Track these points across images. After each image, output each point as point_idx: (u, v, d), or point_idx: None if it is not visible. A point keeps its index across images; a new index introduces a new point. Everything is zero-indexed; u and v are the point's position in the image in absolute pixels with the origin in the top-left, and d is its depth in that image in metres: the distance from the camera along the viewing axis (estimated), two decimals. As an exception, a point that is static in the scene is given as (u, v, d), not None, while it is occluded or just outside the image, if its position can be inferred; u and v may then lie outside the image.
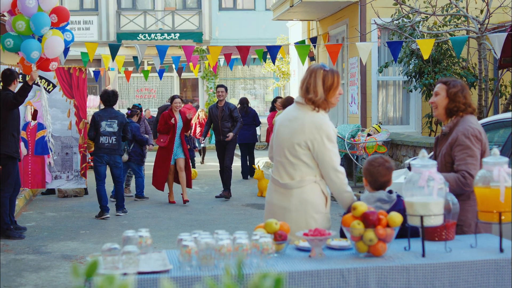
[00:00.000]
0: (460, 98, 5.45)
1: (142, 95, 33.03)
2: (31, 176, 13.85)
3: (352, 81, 16.93)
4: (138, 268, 4.12)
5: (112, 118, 12.56)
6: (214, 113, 15.19)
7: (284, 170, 5.39)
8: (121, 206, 12.75)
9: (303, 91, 5.37)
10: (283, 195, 5.39)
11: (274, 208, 5.43)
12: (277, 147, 5.49)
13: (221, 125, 15.09)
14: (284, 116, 5.54)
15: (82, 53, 14.94)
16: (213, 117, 15.23)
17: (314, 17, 19.77)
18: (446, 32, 13.25)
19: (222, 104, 15.15)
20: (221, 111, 15.10)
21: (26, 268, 8.75)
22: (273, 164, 5.60)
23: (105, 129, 12.48)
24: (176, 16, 32.16)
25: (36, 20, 9.38)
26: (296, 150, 5.30)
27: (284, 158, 5.38)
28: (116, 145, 12.59)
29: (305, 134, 5.26)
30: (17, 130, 10.70)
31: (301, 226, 5.16)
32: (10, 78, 10.72)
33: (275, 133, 5.56)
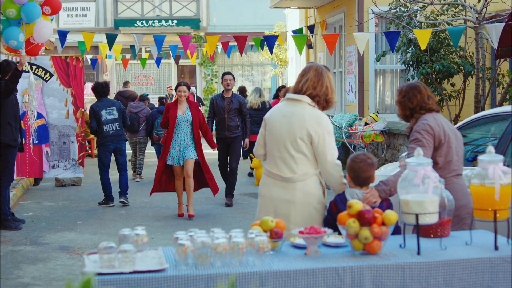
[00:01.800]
0: (406, 103, 5.78)
1: (139, 82, 32.96)
2: (28, 165, 13.85)
3: (350, 70, 16.91)
4: (135, 266, 4.13)
5: (110, 106, 12.92)
6: (219, 104, 12.82)
7: (285, 165, 5.54)
8: (124, 192, 12.87)
9: (306, 88, 5.57)
10: (285, 189, 5.54)
11: (275, 202, 5.58)
12: (274, 142, 5.61)
13: (228, 119, 12.83)
14: (276, 112, 5.72)
15: (79, 41, 14.90)
16: (218, 110, 12.84)
17: (312, 4, 19.74)
18: (444, 22, 13.22)
19: (229, 94, 12.92)
20: (228, 102, 12.84)
21: (23, 260, 8.77)
22: (268, 159, 5.72)
23: (106, 118, 12.79)
24: (173, 3, 32.06)
25: (27, 10, 9.34)
26: (299, 144, 5.47)
27: (285, 153, 5.53)
28: (120, 130, 12.97)
29: (306, 128, 5.45)
30: (14, 119, 10.66)
31: (305, 217, 5.46)
32: (7, 69, 10.68)
33: (269, 130, 5.70)
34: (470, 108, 13.89)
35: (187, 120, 11.53)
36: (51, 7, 9.66)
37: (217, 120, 12.90)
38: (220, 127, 12.89)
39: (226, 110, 12.79)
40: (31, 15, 9.38)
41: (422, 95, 5.77)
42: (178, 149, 11.49)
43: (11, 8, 9.33)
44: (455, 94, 14.81)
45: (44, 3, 9.55)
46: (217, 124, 12.92)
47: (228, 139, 12.89)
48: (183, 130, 11.53)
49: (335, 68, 18.78)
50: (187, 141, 11.53)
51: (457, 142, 5.73)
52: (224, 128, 12.85)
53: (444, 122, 5.73)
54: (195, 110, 11.62)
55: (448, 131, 5.68)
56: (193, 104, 11.76)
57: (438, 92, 14.36)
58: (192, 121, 11.53)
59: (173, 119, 11.48)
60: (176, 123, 11.50)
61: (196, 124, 11.55)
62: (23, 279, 7.91)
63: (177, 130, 11.52)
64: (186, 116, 11.54)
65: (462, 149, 5.79)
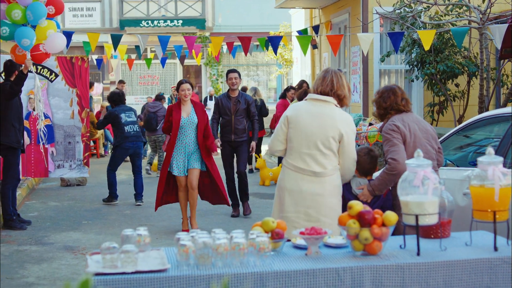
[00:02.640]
0: (381, 103, 6.33)
1: (145, 82, 33.03)
2: (34, 165, 13.90)
3: (354, 70, 16.94)
4: (137, 267, 4.17)
5: (128, 111, 13.33)
6: (224, 105, 11.72)
7: (314, 161, 6.02)
8: (140, 195, 13.04)
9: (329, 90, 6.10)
10: (315, 183, 6.00)
11: (305, 195, 6.01)
12: (303, 140, 6.04)
13: (235, 122, 11.73)
14: (302, 112, 6.13)
15: (84, 42, 14.96)
16: (223, 111, 11.74)
17: (317, 5, 19.76)
18: (448, 22, 13.25)
19: (236, 94, 11.79)
20: (235, 103, 11.73)
21: (28, 260, 8.83)
22: (293, 155, 6.11)
23: (126, 120, 13.09)
24: (179, 3, 32.10)
25: (34, 10, 9.37)
26: (330, 142, 5.99)
27: (315, 150, 6.01)
28: (139, 132, 13.29)
29: (339, 128, 5.98)
30: (18, 120, 10.71)
31: (333, 208, 6.00)
32: (11, 69, 10.76)
33: (295, 128, 6.10)
34: (475, 108, 13.90)
35: (192, 123, 10.30)
36: (55, 7, 9.70)
37: (223, 122, 11.82)
38: (226, 130, 11.79)
39: (233, 111, 11.68)
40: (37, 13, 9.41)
41: (396, 97, 6.26)
42: (182, 156, 10.29)
43: (16, 10, 9.37)
44: (459, 95, 14.84)
45: (48, 3, 9.59)
46: (223, 127, 11.87)
47: (234, 143, 11.80)
48: (188, 134, 10.30)
49: (340, 68, 18.80)
50: (192, 147, 10.32)
51: (427, 140, 6.19)
52: (230, 131, 11.75)
53: (413, 121, 6.19)
54: (201, 112, 10.45)
55: (415, 130, 6.14)
56: (198, 105, 10.58)
57: (443, 92, 14.39)
58: (198, 124, 10.32)
59: (177, 123, 10.24)
60: (180, 127, 10.26)
61: (202, 127, 10.33)
62: (27, 279, 7.95)
63: (181, 134, 10.29)
64: (191, 118, 10.31)
65: (434, 146, 6.24)
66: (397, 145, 5.98)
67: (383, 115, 6.34)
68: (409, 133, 6.07)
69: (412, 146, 6.01)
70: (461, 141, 7.78)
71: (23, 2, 9.31)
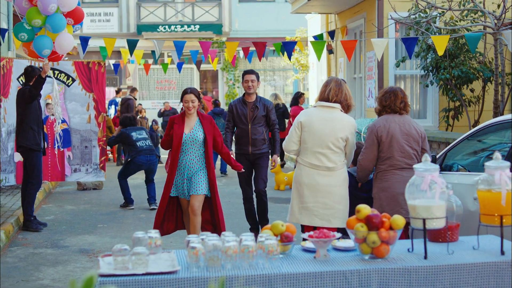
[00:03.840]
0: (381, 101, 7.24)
1: (162, 87, 33.18)
2: (50, 169, 14.03)
3: (370, 75, 16.96)
4: (147, 268, 4.24)
5: (139, 129, 13.60)
6: (240, 112, 10.20)
7: (326, 158, 7.17)
8: (153, 198, 13.18)
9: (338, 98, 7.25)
10: (328, 176, 7.17)
11: (321, 187, 7.16)
12: (317, 141, 7.18)
13: (252, 131, 10.17)
14: (314, 117, 7.26)
15: (101, 47, 15.08)
16: (239, 119, 10.22)
17: (332, 10, 19.80)
18: (463, 27, 13.25)
19: (253, 99, 10.24)
20: (252, 109, 10.19)
21: (44, 262, 8.92)
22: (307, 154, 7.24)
23: (138, 137, 13.32)
24: (196, 8, 32.25)
25: (54, 22, 9.44)
26: (340, 142, 7.16)
27: (327, 149, 7.16)
28: (152, 146, 13.48)
29: (346, 130, 7.16)
30: (36, 123, 10.88)
31: (343, 196, 7.21)
32: (32, 74, 10.96)
33: (308, 131, 7.23)
34: (490, 113, 13.89)
35: (196, 141, 8.68)
36: (74, 18, 9.77)
37: (238, 132, 10.26)
38: (242, 141, 10.21)
39: (250, 118, 10.16)
40: (56, 26, 9.49)
41: (396, 99, 7.16)
42: (183, 177, 8.73)
43: (37, 19, 9.45)
44: (474, 100, 14.83)
45: (67, 15, 9.66)
46: (238, 137, 10.27)
47: (252, 156, 10.20)
48: (190, 153, 8.71)
49: (355, 73, 18.84)
50: (195, 168, 8.71)
51: (407, 142, 7.03)
52: (247, 142, 10.16)
53: (397, 123, 7.07)
54: (209, 126, 8.77)
55: (394, 132, 7.03)
56: (206, 118, 8.85)
57: (458, 97, 14.39)
58: (205, 140, 8.67)
59: (178, 139, 8.66)
60: (182, 143, 8.69)
61: (211, 144, 8.70)
62: (43, 281, 8.05)
63: (183, 153, 8.72)
64: (195, 134, 8.68)
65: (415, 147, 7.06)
66: (367, 148, 7.15)
67: (380, 111, 7.26)
68: (386, 134, 7.03)
69: (387, 145, 7.02)
70: (472, 146, 7.80)
71: (44, 10, 9.36)
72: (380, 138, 7.04)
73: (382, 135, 7.02)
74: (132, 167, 13.19)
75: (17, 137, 10.91)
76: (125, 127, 13.64)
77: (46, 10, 9.27)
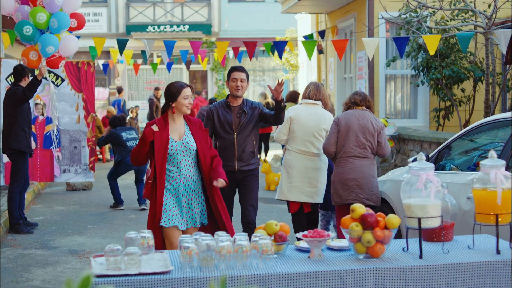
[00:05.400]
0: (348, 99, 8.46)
1: (151, 87, 33.07)
2: (39, 169, 13.94)
3: (360, 75, 16.94)
4: (140, 269, 4.19)
5: (129, 130, 13.58)
6: (223, 118, 8.14)
7: (312, 145, 8.53)
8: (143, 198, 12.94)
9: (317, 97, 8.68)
10: (313, 160, 8.55)
11: (308, 170, 8.51)
12: (305, 131, 8.50)
13: (238, 142, 8.13)
14: (301, 112, 8.60)
15: (91, 47, 15.00)
16: (221, 127, 8.14)
17: (323, 10, 19.79)
18: (454, 27, 13.25)
19: (239, 102, 8.19)
20: (239, 114, 8.14)
21: (33, 263, 8.85)
22: (297, 142, 8.53)
23: (128, 137, 13.31)
24: (185, 8, 32.18)
25: (59, 18, 9.33)
26: (322, 132, 8.54)
27: (313, 138, 8.52)
28: None
29: (327, 122, 8.52)
30: (27, 125, 10.80)
31: (324, 177, 8.57)
32: (22, 73, 10.83)
33: (297, 123, 8.53)
34: (480, 113, 13.89)
35: (189, 150, 6.52)
36: (78, 20, 9.66)
37: (220, 144, 8.15)
38: (225, 154, 8.01)
39: (236, 127, 8.12)
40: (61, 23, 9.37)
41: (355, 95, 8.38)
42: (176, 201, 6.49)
43: (41, 13, 9.31)
44: (465, 100, 14.83)
45: (71, 16, 9.56)
46: (220, 150, 7.97)
47: (238, 174, 8.18)
48: (183, 166, 6.50)
49: (346, 73, 18.82)
50: (191, 187, 6.54)
51: (363, 134, 8.01)
52: (232, 156, 8.11)
53: (356, 117, 8.09)
54: (200, 131, 6.68)
55: (351, 124, 8.04)
56: (194, 122, 6.72)
57: (448, 97, 14.38)
58: (198, 150, 6.56)
59: (162, 148, 6.45)
60: (169, 155, 6.48)
61: (206, 154, 6.61)
62: (32, 282, 7.98)
63: (170, 166, 6.50)
64: (187, 142, 6.53)
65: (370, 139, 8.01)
66: (329, 134, 8.21)
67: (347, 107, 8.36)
68: (344, 124, 8.06)
69: (344, 134, 8.05)
70: (465, 146, 7.78)
71: (52, 9, 9.26)
72: (339, 127, 8.10)
73: (341, 125, 8.09)
74: (122, 167, 13.13)
75: (6, 139, 10.73)
76: (115, 127, 13.55)
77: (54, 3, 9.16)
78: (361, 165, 7.94)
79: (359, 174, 7.90)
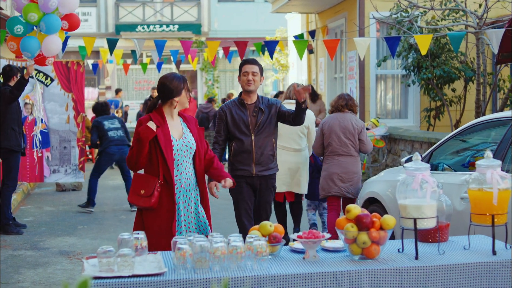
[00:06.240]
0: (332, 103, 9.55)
1: (140, 87, 33.01)
2: (29, 170, 13.86)
3: (351, 75, 16.93)
4: (133, 270, 4.14)
5: (112, 119, 13.31)
6: (237, 118, 7.38)
7: (294, 141, 9.38)
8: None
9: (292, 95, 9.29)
10: (295, 156, 9.43)
11: (290, 164, 9.37)
12: (288, 129, 8.87)
13: (256, 144, 7.37)
14: None
15: (80, 46, 14.92)
16: (236, 128, 7.39)
17: (313, 10, 19.77)
18: (445, 27, 13.24)
19: (254, 99, 7.44)
20: (255, 113, 7.40)
21: (23, 265, 8.78)
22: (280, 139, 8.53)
23: (110, 126, 13.08)
24: (175, 8, 32.12)
25: (48, 23, 9.21)
26: (304, 129, 9.37)
27: (295, 135, 9.36)
28: (124, 137, 13.14)
29: (308, 120, 9.16)
30: (17, 124, 10.76)
31: (306, 171, 9.52)
32: (10, 74, 10.80)
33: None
34: (471, 113, 13.90)
35: (189, 150, 5.87)
36: (69, 22, 9.52)
37: (236, 146, 7.42)
38: (242, 158, 7.40)
39: (253, 126, 7.37)
40: (50, 26, 9.26)
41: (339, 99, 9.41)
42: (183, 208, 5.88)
43: (33, 13, 9.19)
44: (456, 100, 14.83)
45: (64, 17, 9.43)
46: (236, 154, 7.42)
47: (257, 180, 7.45)
48: (183, 169, 5.82)
49: (336, 73, 18.80)
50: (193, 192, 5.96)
51: (344, 134, 9.15)
52: (250, 160, 7.38)
53: (337, 119, 9.25)
54: (196, 129, 6.04)
55: (333, 126, 9.20)
56: (190, 120, 6.07)
57: (439, 97, 14.38)
58: (196, 151, 5.93)
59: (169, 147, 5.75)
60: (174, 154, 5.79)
61: (201, 155, 5.98)
62: (23, 283, 7.91)
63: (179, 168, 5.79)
64: (189, 141, 5.88)
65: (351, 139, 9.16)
66: (316, 138, 9.39)
67: (331, 111, 9.51)
68: (327, 127, 9.25)
69: (328, 136, 9.24)
70: (458, 146, 7.76)
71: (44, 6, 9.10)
72: (323, 131, 9.31)
73: (324, 128, 9.31)
74: (104, 158, 12.99)
75: None
76: (98, 115, 13.44)
77: (47, 5, 9.04)
78: (345, 162, 9.19)
79: (342, 169, 9.15)
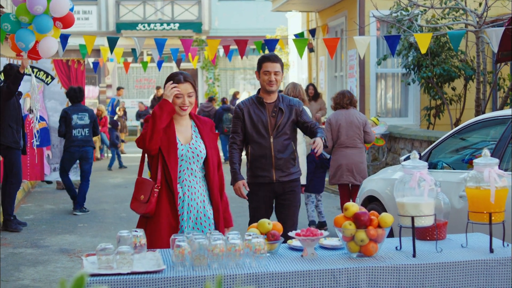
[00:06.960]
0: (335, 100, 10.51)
1: (141, 86, 33.03)
2: (29, 168, 13.89)
3: (351, 73, 16.94)
4: (132, 268, 4.16)
5: (83, 111, 12.64)
6: (256, 118, 6.81)
7: None
8: (80, 204, 12.48)
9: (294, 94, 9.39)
10: None
11: None
12: None
13: (275, 147, 6.79)
14: None
15: (81, 45, 14.94)
16: (254, 129, 6.81)
17: (313, 8, 19.78)
18: (445, 25, 13.25)
19: (274, 98, 6.87)
20: (274, 113, 6.82)
21: (24, 262, 8.81)
22: None
23: (77, 122, 12.49)
24: (175, 6, 32.13)
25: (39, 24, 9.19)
26: None
27: None
28: (89, 137, 12.59)
29: None
30: (15, 121, 10.75)
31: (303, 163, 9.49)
32: (10, 72, 10.79)
33: None
34: (471, 112, 13.92)
35: (196, 158, 5.28)
36: (63, 22, 9.53)
37: (253, 150, 6.86)
38: (261, 163, 6.83)
39: (272, 128, 6.79)
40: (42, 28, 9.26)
41: (344, 98, 10.39)
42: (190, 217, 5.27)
43: (24, 16, 9.21)
44: (456, 98, 14.85)
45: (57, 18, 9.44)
46: (254, 158, 6.86)
47: (277, 186, 6.87)
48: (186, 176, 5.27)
49: (336, 71, 18.82)
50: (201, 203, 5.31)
51: (350, 128, 10.18)
52: (269, 165, 6.81)
53: (343, 115, 10.27)
54: (210, 134, 5.44)
55: (341, 122, 10.23)
56: (205, 122, 5.50)
57: (439, 96, 14.39)
58: (208, 157, 5.33)
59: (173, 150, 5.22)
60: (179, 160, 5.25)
61: (215, 163, 5.39)
62: (23, 281, 7.94)
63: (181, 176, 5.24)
64: (197, 147, 5.30)
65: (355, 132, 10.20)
66: (326, 133, 9.77)
67: (335, 108, 10.45)
68: (335, 123, 10.27)
69: (336, 130, 10.24)
70: (457, 144, 7.77)
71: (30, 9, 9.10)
72: (331, 126, 10.29)
73: (332, 124, 10.31)
74: (66, 157, 12.60)
75: None
76: (71, 101, 12.77)
77: (32, 9, 9.06)
78: (352, 153, 10.23)
79: (350, 160, 10.18)
